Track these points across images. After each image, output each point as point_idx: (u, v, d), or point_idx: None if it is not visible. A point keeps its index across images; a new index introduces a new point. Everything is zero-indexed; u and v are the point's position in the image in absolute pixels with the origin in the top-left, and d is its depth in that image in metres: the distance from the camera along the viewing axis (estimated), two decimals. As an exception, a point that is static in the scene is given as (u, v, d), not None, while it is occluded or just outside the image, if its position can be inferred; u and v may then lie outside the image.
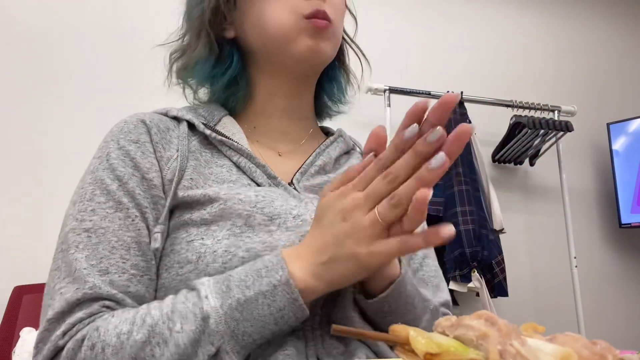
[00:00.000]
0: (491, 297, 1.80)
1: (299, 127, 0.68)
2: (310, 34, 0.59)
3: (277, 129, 0.67)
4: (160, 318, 0.45)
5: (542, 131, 2.06)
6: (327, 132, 0.74)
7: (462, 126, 0.41)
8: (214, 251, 0.50)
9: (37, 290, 1.48)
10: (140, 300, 0.51)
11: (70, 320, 0.47)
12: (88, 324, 0.47)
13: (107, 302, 0.48)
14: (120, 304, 0.49)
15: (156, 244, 0.52)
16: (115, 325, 0.45)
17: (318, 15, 0.59)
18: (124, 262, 0.50)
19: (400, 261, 0.54)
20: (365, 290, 0.53)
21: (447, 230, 0.42)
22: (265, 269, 0.46)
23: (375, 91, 2.03)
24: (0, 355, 1.33)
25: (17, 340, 1.27)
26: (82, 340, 0.46)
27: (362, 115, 2.15)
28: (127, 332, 0.45)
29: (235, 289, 0.45)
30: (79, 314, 0.47)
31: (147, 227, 0.53)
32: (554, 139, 2.16)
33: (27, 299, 1.45)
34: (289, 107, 0.66)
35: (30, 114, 1.75)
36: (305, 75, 0.65)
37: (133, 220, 0.52)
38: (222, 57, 0.65)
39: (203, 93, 0.70)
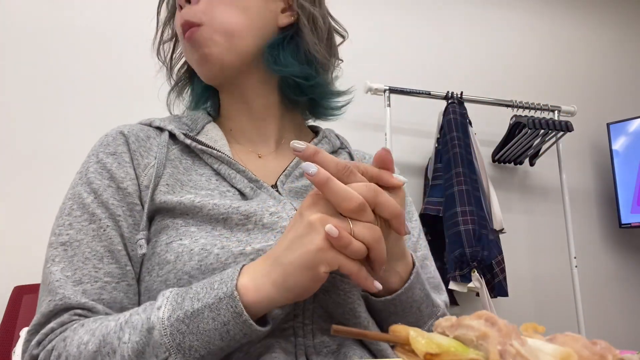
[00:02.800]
0: (491, 297, 1.80)
1: (274, 127, 0.67)
2: (191, 49, 0.62)
3: (250, 130, 0.67)
4: (114, 328, 0.45)
5: (542, 131, 2.06)
6: (317, 132, 0.73)
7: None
8: (191, 250, 0.51)
9: (37, 290, 1.47)
10: (117, 306, 0.52)
11: (44, 330, 0.49)
12: (59, 333, 0.49)
13: (77, 311, 0.50)
14: (91, 311, 0.50)
15: (142, 250, 0.53)
16: (80, 335, 0.47)
17: (184, 28, 0.61)
18: (96, 272, 0.52)
19: (414, 264, 0.54)
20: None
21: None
22: (219, 281, 0.45)
23: (375, 91, 2.03)
24: (0, 355, 1.33)
25: (17, 340, 1.27)
26: (51, 350, 0.48)
27: (362, 115, 2.15)
28: (85, 342, 0.46)
29: (188, 301, 0.44)
30: (51, 324, 0.49)
31: (122, 235, 0.54)
32: (554, 139, 2.16)
33: (27, 299, 1.45)
34: (252, 109, 0.67)
35: (29, 114, 1.75)
36: (228, 82, 0.65)
37: (105, 230, 0.54)
38: (193, 89, 0.72)
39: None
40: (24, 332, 1.26)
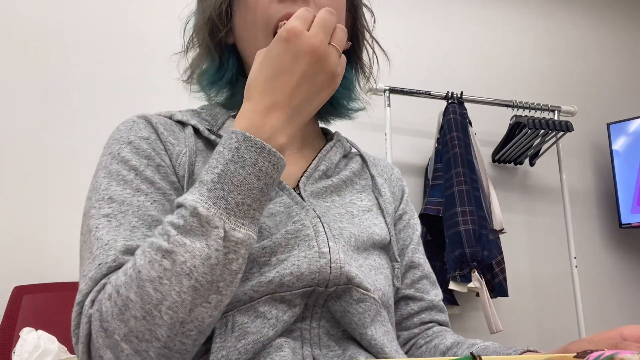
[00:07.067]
0: (491, 297, 1.80)
1: (300, 131, 0.67)
2: None
3: None
4: (153, 240, 0.44)
5: (542, 131, 2.06)
6: (325, 133, 0.74)
7: None
8: None
9: (37, 290, 1.48)
10: None
11: (97, 288, 0.45)
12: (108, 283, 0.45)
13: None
14: None
15: None
16: (124, 269, 0.44)
17: None
18: (145, 239, 0.47)
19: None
20: None
21: None
22: (222, 145, 0.46)
23: (375, 91, 2.03)
24: (0, 355, 1.33)
25: (17, 341, 1.27)
26: (103, 298, 0.44)
27: (362, 115, 2.15)
28: (131, 266, 0.43)
29: (206, 176, 0.45)
30: (104, 281, 0.45)
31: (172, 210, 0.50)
32: (554, 139, 2.16)
33: (27, 299, 1.45)
34: None
35: (31, 114, 1.75)
36: None
37: (155, 200, 0.51)
38: (222, 63, 0.65)
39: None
40: (23, 332, 1.26)
